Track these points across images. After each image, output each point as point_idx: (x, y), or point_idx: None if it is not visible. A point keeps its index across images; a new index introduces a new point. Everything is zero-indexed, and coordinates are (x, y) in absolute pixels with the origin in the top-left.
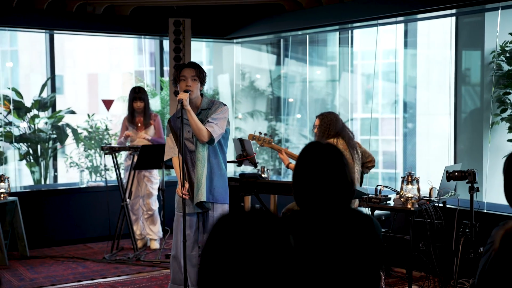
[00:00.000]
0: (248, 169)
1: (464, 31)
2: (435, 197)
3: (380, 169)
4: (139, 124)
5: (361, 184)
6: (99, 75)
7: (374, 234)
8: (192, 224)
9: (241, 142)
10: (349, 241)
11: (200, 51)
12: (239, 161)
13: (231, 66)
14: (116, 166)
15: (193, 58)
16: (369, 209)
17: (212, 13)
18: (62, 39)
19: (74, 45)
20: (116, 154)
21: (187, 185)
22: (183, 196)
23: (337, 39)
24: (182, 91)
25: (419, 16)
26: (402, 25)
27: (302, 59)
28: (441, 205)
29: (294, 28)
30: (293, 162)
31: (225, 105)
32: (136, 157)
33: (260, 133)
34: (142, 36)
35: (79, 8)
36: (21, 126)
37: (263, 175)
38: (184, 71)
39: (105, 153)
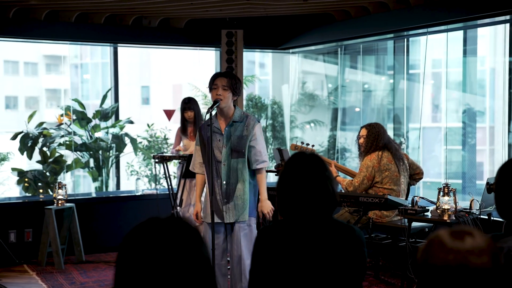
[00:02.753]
0: None
1: None
2: (476, 209)
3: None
4: (191, 134)
5: (407, 196)
6: (182, 86)
7: (355, 245)
8: (220, 233)
9: (279, 152)
10: (329, 251)
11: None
12: (278, 171)
13: (291, 76)
14: (167, 175)
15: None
16: (406, 220)
17: (264, 24)
18: (148, 52)
19: (159, 58)
20: (168, 162)
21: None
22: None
23: (392, 48)
24: (213, 100)
25: (470, 23)
26: (460, 33)
27: (360, 68)
28: (486, 217)
29: (347, 37)
30: (341, 175)
31: (258, 121)
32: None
33: (302, 143)
34: (197, 48)
35: (135, 21)
36: (83, 136)
37: None
38: (216, 80)
39: (156, 162)
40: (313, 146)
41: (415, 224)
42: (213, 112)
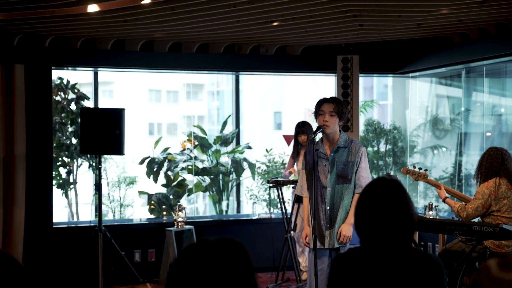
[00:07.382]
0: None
1: None
2: None
3: None
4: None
5: None
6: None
7: (432, 273)
8: (324, 259)
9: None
10: (406, 279)
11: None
12: None
13: (411, 100)
14: (281, 199)
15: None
16: None
17: (380, 49)
18: (281, 79)
19: (291, 84)
20: (282, 187)
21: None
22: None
23: None
24: (319, 125)
25: None
26: None
27: (485, 91)
28: None
29: (468, 60)
30: (450, 197)
31: (363, 146)
32: None
33: (414, 166)
34: (313, 74)
35: (253, 49)
36: (205, 161)
37: (430, 212)
38: (323, 105)
39: (270, 187)
40: (426, 170)
41: None
42: (317, 138)
